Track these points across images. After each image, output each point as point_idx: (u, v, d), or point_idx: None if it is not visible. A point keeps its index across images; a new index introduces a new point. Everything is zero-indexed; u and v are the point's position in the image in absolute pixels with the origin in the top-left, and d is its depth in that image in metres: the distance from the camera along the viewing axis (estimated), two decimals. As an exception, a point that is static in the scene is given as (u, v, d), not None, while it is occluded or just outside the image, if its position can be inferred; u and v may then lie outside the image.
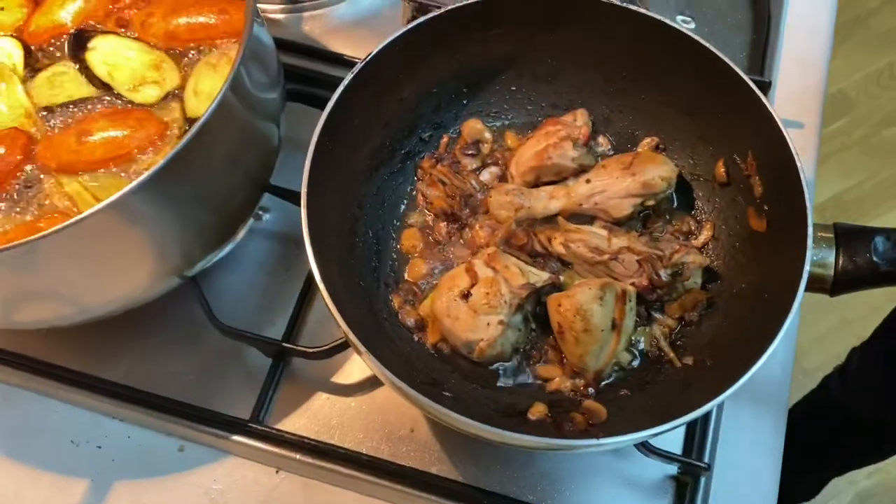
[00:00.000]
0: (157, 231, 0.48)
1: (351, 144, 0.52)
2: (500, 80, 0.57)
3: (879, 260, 0.45)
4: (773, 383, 0.56)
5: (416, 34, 0.52)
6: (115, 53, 0.58)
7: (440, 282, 0.51)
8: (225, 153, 0.50)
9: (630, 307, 0.49)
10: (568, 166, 0.53)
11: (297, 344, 0.55)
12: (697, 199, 0.55)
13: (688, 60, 0.52)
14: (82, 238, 0.43)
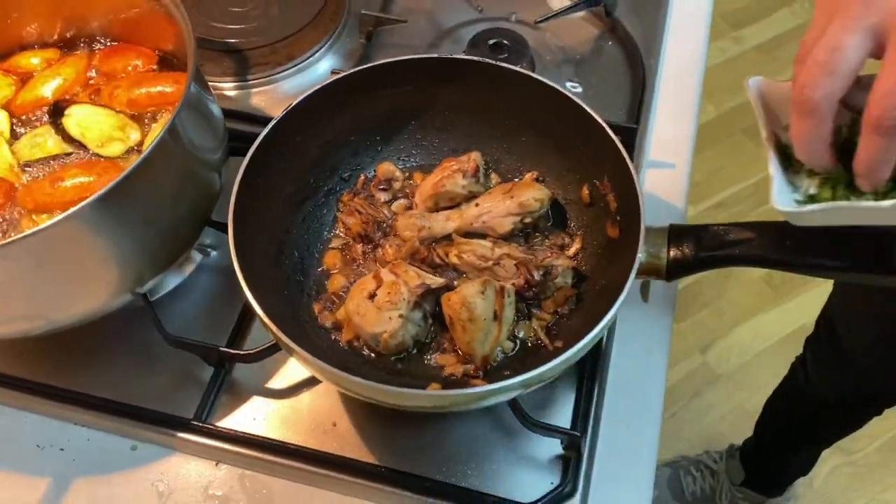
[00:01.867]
0: (108, 247, 0.57)
1: (277, 182, 0.63)
2: (407, 130, 0.69)
3: (699, 250, 0.55)
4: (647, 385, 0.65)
5: (332, 90, 0.63)
6: (87, 118, 0.69)
7: (352, 288, 0.60)
8: (168, 187, 0.60)
9: (509, 301, 0.58)
10: (459, 193, 0.64)
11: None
12: (569, 218, 0.66)
13: (557, 110, 0.64)
14: (43, 247, 0.53)
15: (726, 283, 1.90)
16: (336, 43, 0.85)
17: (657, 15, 0.86)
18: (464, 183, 0.64)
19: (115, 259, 0.59)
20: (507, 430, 0.62)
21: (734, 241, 0.55)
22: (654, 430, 0.63)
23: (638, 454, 0.61)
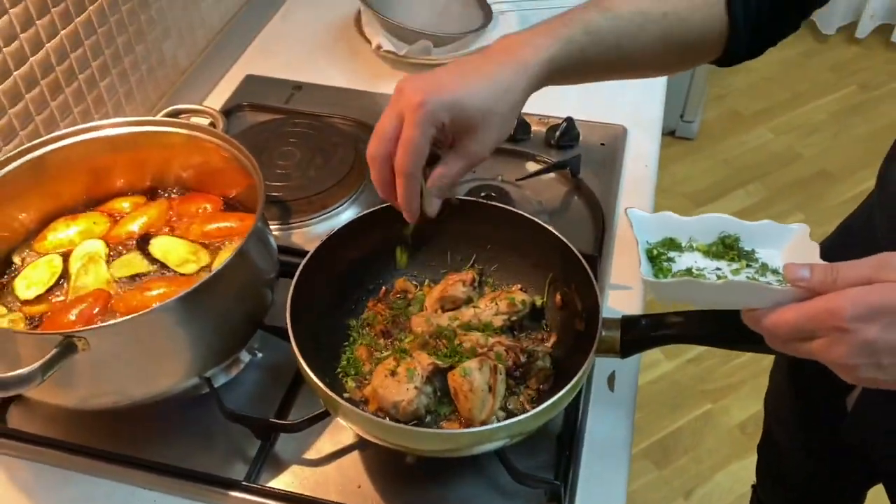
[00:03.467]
0: (184, 338, 0.74)
1: (317, 294, 0.80)
2: (419, 253, 0.88)
3: (644, 333, 0.73)
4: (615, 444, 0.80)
5: (357, 225, 0.83)
6: (167, 245, 0.88)
7: (377, 369, 0.77)
8: (233, 295, 0.78)
9: (501, 378, 0.74)
10: (460, 297, 0.82)
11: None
12: (547, 317, 0.83)
13: (536, 237, 0.83)
14: (136, 333, 0.69)
15: (703, 432, 2.02)
16: (360, 197, 1.06)
17: (612, 176, 1.08)
18: (464, 290, 0.82)
19: (187, 348, 0.75)
20: (501, 489, 0.75)
21: (668, 324, 0.72)
22: (620, 486, 0.76)
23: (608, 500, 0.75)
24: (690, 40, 0.76)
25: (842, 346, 0.52)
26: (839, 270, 0.54)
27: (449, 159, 0.69)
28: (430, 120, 0.65)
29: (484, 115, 0.67)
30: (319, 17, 1.42)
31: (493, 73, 0.68)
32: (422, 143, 0.66)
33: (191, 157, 0.92)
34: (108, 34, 1.04)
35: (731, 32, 0.76)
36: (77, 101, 1.01)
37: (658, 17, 0.74)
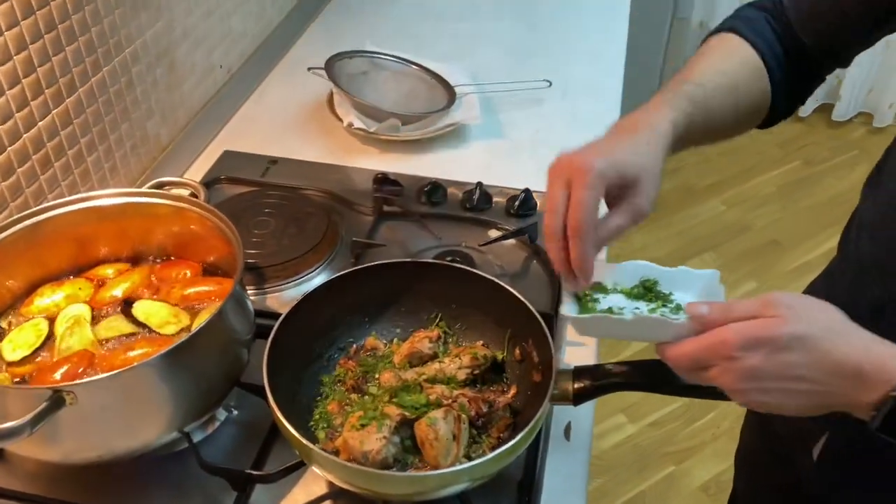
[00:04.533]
0: (164, 393, 0.77)
1: (292, 352, 0.86)
2: (388, 312, 0.94)
3: (593, 381, 0.79)
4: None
5: (328, 288, 0.89)
6: (149, 308, 0.93)
7: (348, 420, 0.82)
8: (212, 354, 0.83)
9: (464, 427, 0.80)
10: (427, 353, 0.88)
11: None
12: (507, 370, 0.90)
13: (496, 296, 0.90)
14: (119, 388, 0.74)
15: (668, 494, 2.06)
16: (332, 263, 1.13)
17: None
18: (430, 346, 0.88)
19: (168, 403, 0.80)
20: (465, 534, 0.80)
21: (615, 373, 0.79)
22: (577, 530, 0.81)
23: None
24: (753, 105, 0.87)
25: (731, 373, 0.60)
26: (732, 307, 0.62)
27: (619, 212, 0.74)
28: (601, 179, 0.70)
29: (643, 170, 0.73)
30: (294, 97, 1.51)
31: (635, 140, 0.75)
32: (594, 202, 0.70)
33: (173, 226, 0.98)
34: (96, 113, 1.11)
35: (773, 97, 0.87)
36: (65, 175, 1.07)
37: (731, 88, 0.84)
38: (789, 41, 0.87)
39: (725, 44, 0.88)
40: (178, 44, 1.31)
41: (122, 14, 1.14)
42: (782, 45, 0.87)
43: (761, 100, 0.87)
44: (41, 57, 0.99)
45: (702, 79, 0.82)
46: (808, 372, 0.59)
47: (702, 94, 0.81)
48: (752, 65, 0.86)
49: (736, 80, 0.84)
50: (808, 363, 0.59)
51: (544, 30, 1.79)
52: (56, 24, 1.01)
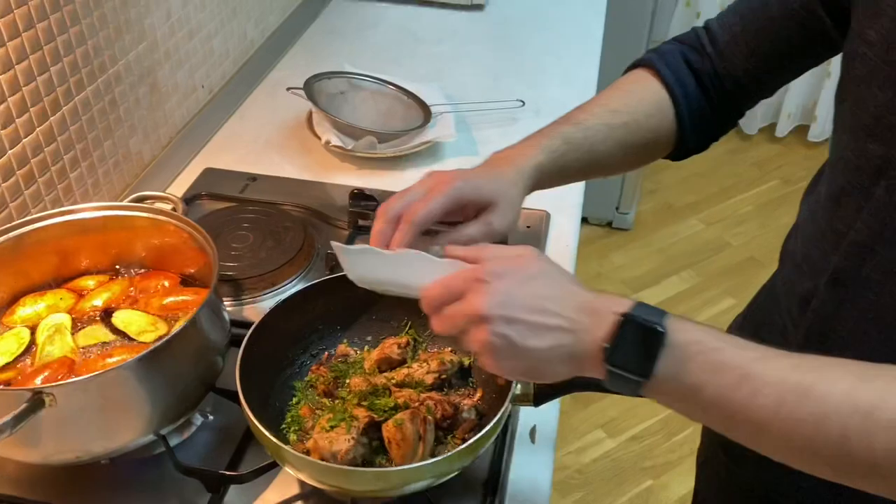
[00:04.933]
0: (142, 396, 0.80)
1: (265, 359, 0.89)
2: (360, 320, 0.98)
3: (551, 385, 0.83)
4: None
5: (299, 297, 0.93)
6: (128, 317, 0.96)
7: (318, 423, 0.85)
8: (188, 359, 0.86)
9: (430, 428, 0.83)
10: (396, 358, 0.91)
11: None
12: (473, 375, 0.93)
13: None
14: (98, 389, 0.77)
15: (647, 507, 2.09)
16: (307, 275, 1.16)
17: (538, 245, 1.21)
18: (399, 352, 0.92)
19: (145, 405, 0.82)
20: (432, 532, 0.83)
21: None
22: (540, 527, 0.85)
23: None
24: (647, 142, 0.91)
25: (480, 296, 0.61)
26: (487, 246, 0.67)
27: (474, 224, 0.80)
28: (457, 193, 0.78)
29: (501, 196, 0.81)
30: (273, 117, 1.55)
31: (500, 172, 0.83)
32: (441, 206, 0.76)
33: (152, 239, 1.01)
34: (79, 131, 1.15)
35: (680, 133, 0.91)
36: (48, 190, 1.10)
37: (619, 126, 0.88)
38: (709, 76, 0.90)
39: (633, 79, 0.92)
40: (161, 64, 1.35)
41: (107, 36, 1.19)
42: (699, 81, 0.90)
43: (663, 136, 0.90)
44: (26, 77, 1.03)
45: (586, 119, 0.87)
46: (555, 305, 0.61)
47: (581, 134, 0.86)
48: (655, 101, 0.89)
49: (630, 118, 0.88)
50: (555, 296, 0.61)
51: (519, 52, 1.84)
52: (42, 45, 1.05)
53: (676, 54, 0.92)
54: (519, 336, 0.61)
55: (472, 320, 0.62)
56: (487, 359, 0.63)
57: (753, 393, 0.55)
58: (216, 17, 1.52)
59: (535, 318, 0.61)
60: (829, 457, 0.54)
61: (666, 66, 0.90)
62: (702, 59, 0.91)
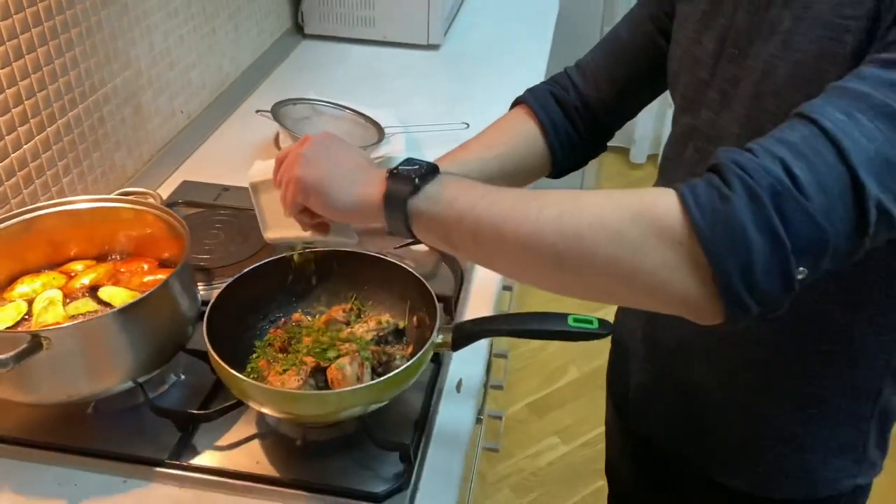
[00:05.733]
0: (122, 344, 0.96)
1: (229, 322, 1.05)
2: (311, 295, 1.14)
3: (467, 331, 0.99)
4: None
5: (257, 270, 1.09)
6: (113, 292, 1.12)
7: (273, 369, 1.01)
8: (162, 317, 1.01)
9: (367, 371, 0.99)
10: (341, 320, 1.08)
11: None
12: (406, 335, 1.09)
13: (400, 277, 1.11)
14: (86, 335, 0.93)
15: (598, 506, 2.22)
16: (270, 265, 1.32)
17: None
18: (344, 315, 1.08)
19: (126, 353, 0.97)
20: (366, 462, 0.98)
21: (486, 322, 0.99)
22: (459, 456, 1.00)
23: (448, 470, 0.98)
24: (522, 167, 1.09)
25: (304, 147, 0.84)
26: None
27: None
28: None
29: None
30: (245, 138, 1.74)
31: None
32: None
33: (134, 228, 1.18)
34: (71, 142, 1.33)
35: (552, 157, 1.10)
36: (44, 191, 1.27)
37: (493, 158, 1.06)
38: (575, 107, 1.09)
39: (509, 117, 1.12)
40: (144, 90, 1.53)
41: (97, 62, 1.37)
42: (566, 112, 1.09)
43: (537, 160, 1.08)
44: (28, 92, 1.21)
45: (463, 156, 1.05)
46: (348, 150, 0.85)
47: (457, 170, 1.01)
48: (527, 133, 1.08)
49: (503, 150, 1.07)
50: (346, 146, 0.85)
51: (469, 84, 2.05)
52: (41, 66, 1.23)
53: (545, 91, 1.11)
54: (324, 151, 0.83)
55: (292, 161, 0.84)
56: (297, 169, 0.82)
57: (498, 198, 0.72)
58: (194, 51, 1.72)
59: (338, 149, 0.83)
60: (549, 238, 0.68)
61: (536, 103, 1.10)
62: (567, 93, 1.10)
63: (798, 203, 0.61)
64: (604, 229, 0.66)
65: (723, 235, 0.62)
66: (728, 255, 0.62)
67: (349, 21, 2.23)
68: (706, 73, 0.89)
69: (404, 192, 0.75)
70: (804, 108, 0.66)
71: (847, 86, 0.66)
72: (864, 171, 0.62)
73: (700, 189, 0.64)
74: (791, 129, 0.65)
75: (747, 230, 0.61)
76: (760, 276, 0.62)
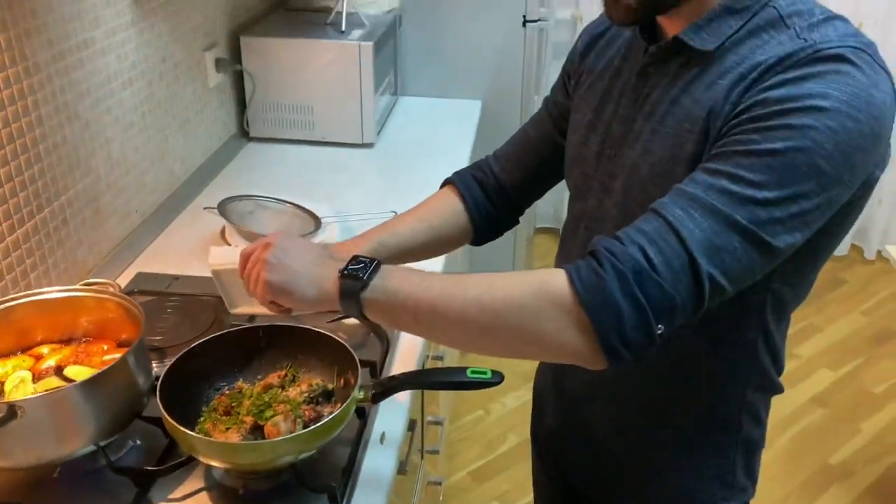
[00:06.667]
0: (85, 412, 1.13)
1: (178, 391, 1.22)
2: (251, 366, 1.32)
3: (385, 387, 1.17)
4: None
5: (202, 346, 1.27)
6: (77, 370, 1.28)
7: (217, 428, 1.17)
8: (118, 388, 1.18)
9: (299, 426, 1.16)
10: (276, 385, 1.25)
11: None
12: (335, 396, 1.27)
13: (329, 346, 1.29)
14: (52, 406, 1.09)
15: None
16: (217, 343, 1.50)
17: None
18: (279, 381, 1.26)
19: (87, 420, 1.13)
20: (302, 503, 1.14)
21: (399, 380, 1.18)
22: (382, 500, 1.17)
23: (371, 504, 1.15)
24: (448, 236, 1.32)
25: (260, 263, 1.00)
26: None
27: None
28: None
29: None
30: (195, 233, 1.93)
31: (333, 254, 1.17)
32: None
33: (96, 314, 1.35)
34: (38, 242, 1.50)
35: (473, 228, 1.33)
36: (14, 287, 1.44)
37: (423, 230, 1.29)
38: (492, 187, 1.33)
39: (438, 195, 1.36)
40: (103, 193, 1.73)
41: (62, 171, 1.56)
42: (485, 191, 1.31)
43: (460, 231, 1.30)
44: (1, 200, 1.39)
45: (398, 227, 1.26)
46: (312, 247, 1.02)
47: (394, 240, 1.25)
48: (452, 208, 1.30)
49: (431, 222, 1.28)
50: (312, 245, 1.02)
51: (400, 177, 2.29)
52: (13, 177, 1.42)
53: (469, 174, 1.36)
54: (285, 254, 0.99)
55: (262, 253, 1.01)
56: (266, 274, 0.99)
57: (430, 285, 0.91)
58: (148, 158, 1.92)
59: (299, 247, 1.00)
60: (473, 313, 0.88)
61: (461, 183, 1.35)
62: (487, 177, 1.35)
63: (653, 279, 0.83)
64: (513, 304, 0.88)
65: (600, 304, 0.84)
66: (605, 318, 0.84)
67: (290, 124, 2.47)
68: (591, 169, 1.13)
69: (356, 287, 0.93)
70: (656, 205, 0.90)
71: (685, 188, 0.87)
72: (698, 253, 0.85)
73: (582, 269, 0.86)
74: (646, 222, 0.87)
75: (617, 300, 0.83)
76: (630, 333, 0.84)
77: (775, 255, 0.87)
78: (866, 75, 0.84)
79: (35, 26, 1.45)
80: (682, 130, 0.95)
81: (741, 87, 0.88)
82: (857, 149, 0.83)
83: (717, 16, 0.93)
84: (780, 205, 0.83)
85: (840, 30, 0.88)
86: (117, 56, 1.74)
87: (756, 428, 1.18)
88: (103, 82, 1.69)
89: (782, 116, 0.83)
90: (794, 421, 2.99)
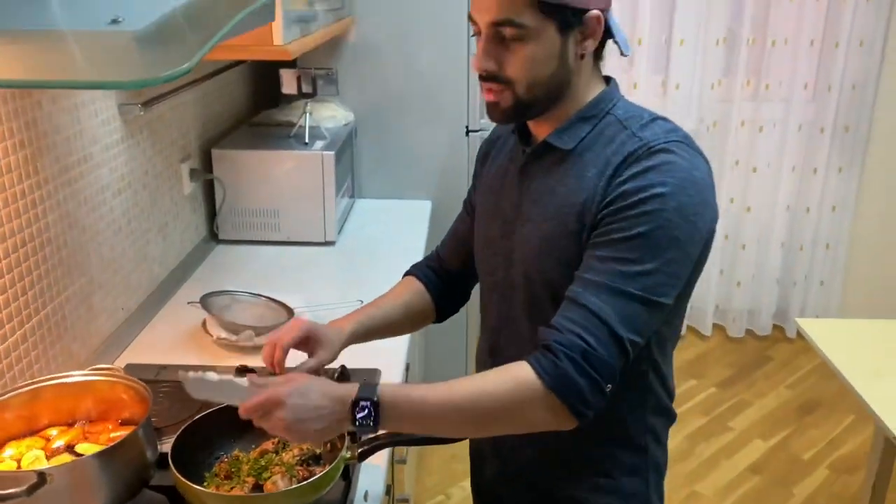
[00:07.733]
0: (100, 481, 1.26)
1: (186, 456, 1.37)
2: (247, 435, 1.48)
3: (369, 447, 1.35)
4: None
5: (202, 420, 1.43)
6: (87, 447, 1.41)
7: (220, 488, 1.32)
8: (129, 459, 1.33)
9: (295, 483, 1.32)
10: (271, 450, 1.41)
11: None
12: (323, 458, 1.43)
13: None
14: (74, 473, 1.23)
15: None
16: (208, 422, 1.65)
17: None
18: (273, 447, 1.42)
19: (104, 486, 1.27)
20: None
21: (379, 439, 1.36)
22: (369, 542, 1.33)
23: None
24: (416, 315, 1.57)
25: (284, 410, 1.08)
26: (273, 378, 1.18)
27: (309, 360, 1.37)
28: (307, 328, 1.34)
29: (329, 340, 1.38)
30: (178, 325, 2.09)
31: (331, 328, 1.41)
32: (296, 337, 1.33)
33: (104, 395, 1.50)
34: (40, 339, 1.65)
35: (436, 307, 1.58)
36: (21, 378, 1.58)
37: (398, 306, 1.54)
38: (444, 272, 1.57)
39: (404, 282, 1.59)
40: (95, 292, 1.89)
41: (60, 275, 1.73)
42: (439, 276, 1.56)
43: (427, 310, 1.55)
44: (5, 303, 1.55)
45: (383, 305, 1.50)
46: (321, 400, 1.09)
47: (380, 314, 1.47)
48: (418, 292, 1.54)
49: (404, 302, 1.55)
50: (320, 394, 1.10)
51: (360, 271, 2.51)
52: (16, 281, 1.58)
53: (424, 264, 1.63)
54: (309, 426, 1.09)
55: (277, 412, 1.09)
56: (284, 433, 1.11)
57: (429, 395, 1.13)
58: (132, 260, 2.10)
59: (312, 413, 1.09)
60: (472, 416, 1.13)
61: (419, 272, 1.60)
62: (438, 265, 1.62)
63: (595, 355, 1.09)
64: (496, 398, 1.12)
65: (563, 386, 1.09)
66: (570, 394, 1.09)
67: (258, 227, 2.68)
68: (496, 247, 1.39)
69: (368, 431, 1.12)
70: (572, 294, 1.13)
71: (589, 277, 1.12)
72: (616, 326, 1.10)
73: (542, 361, 1.11)
74: (571, 311, 1.12)
75: (575, 378, 1.09)
76: (590, 398, 1.10)
77: (667, 307, 1.14)
78: (686, 160, 1.12)
79: (46, 144, 1.65)
80: (562, 212, 1.20)
81: (604, 179, 1.15)
82: (695, 214, 1.11)
83: (572, 123, 1.21)
84: (658, 272, 1.10)
85: (663, 127, 1.16)
86: (109, 168, 1.94)
87: (658, 449, 1.38)
88: (98, 192, 1.89)
89: (639, 206, 1.10)
90: (733, 490, 3.19)
